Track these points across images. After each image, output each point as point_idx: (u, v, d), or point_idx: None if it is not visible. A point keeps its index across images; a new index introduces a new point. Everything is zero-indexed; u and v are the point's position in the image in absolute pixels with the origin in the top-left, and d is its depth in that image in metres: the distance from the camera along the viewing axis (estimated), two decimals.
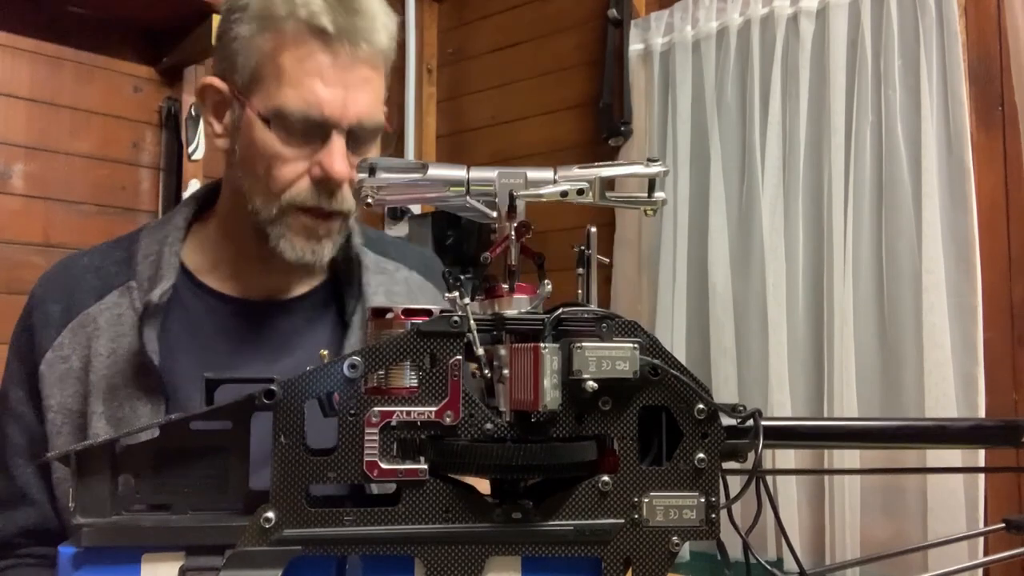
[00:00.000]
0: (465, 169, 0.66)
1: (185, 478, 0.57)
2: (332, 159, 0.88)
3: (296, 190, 0.90)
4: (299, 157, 0.89)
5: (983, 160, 1.80)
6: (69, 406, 0.92)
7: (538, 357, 0.53)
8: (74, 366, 0.93)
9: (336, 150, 0.89)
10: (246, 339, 0.98)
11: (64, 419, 0.92)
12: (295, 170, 0.90)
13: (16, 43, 2.06)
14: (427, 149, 2.81)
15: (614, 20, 2.35)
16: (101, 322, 0.94)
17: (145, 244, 0.98)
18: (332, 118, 0.88)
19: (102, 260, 0.99)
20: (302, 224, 0.92)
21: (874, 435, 0.68)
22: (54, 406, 0.93)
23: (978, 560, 1.52)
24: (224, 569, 0.52)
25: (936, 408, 1.71)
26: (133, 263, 0.97)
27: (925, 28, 1.83)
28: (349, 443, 0.54)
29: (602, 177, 0.63)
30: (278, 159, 0.89)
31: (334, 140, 0.89)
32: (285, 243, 0.92)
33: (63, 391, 0.93)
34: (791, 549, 0.73)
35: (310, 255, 0.93)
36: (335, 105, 0.88)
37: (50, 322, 0.95)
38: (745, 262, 2.04)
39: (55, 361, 0.93)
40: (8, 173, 2.04)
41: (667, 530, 0.56)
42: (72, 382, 0.93)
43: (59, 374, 0.93)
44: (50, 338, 0.94)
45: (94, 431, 0.90)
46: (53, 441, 0.92)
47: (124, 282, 0.96)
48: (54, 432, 0.92)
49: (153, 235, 0.99)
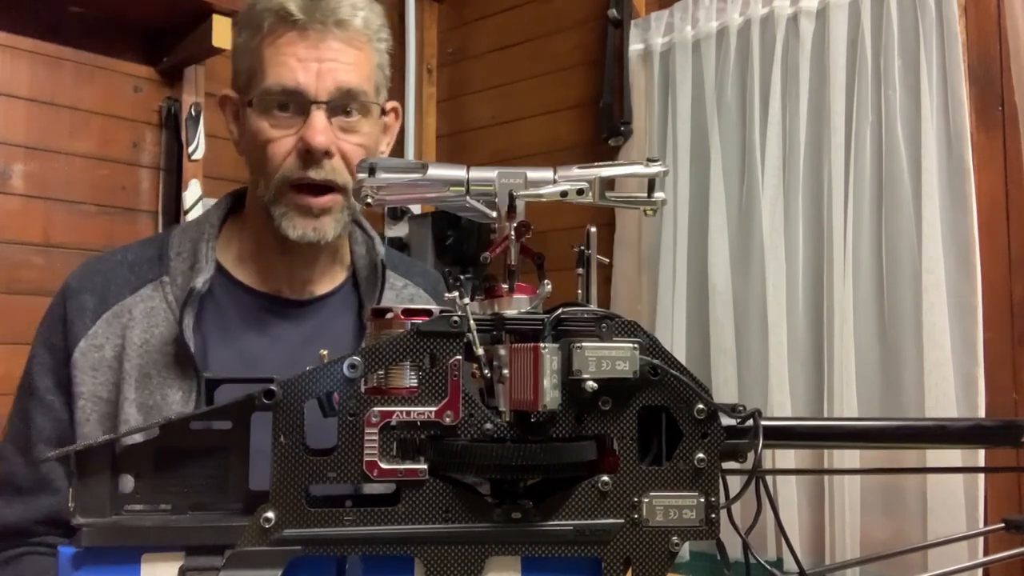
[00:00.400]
0: (465, 169, 0.66)
1: (185, 478, 0.57)
2: (312, 130, 0.94)
3: (285, 166, 0.96)
4: (285, 135, 0.96)
5: (983, 160, 1.80)
6: (100, 394, 0.96)
7: (538, 357, 0.52)
8: (107, 355, 0.97)
9: (316, 122, 0.94)
10: (273, 333, 1.03)
11: (93, 407, 0.96)
12: (283, 147, 0.96)
13: (16, 43, 2.06)
14: (427, 149, 2.81)
15: (614, 20, 2.35)
16: (136, 313, 0.98)
17: (177, 242, 1.04)
18: (307, 90, 0.94)
19: (135, 256, 1.04)
20: (295, 203, 0.97)
21: (874, 435, 0.68)
22: (85, 393, 0.96)
23: (978, 560, 1.52)
24: (224, 569, 0.52)
25: (936, 408, 1.71)
26: (165, 259, 1.02)
27: (925, 28, 1.83)
28: (349, 443, 0.54)
29: (602, 177, 0.63)
30: (268, 140, 0.96)
31: (313, 112, 0.94)
32: (287, 222, 0.97)
33: (95, 379, 0.96)
34: (791, 549, 0.73)
35: (312, 232, 0.97)
36: (308, 77, 0.94)
37: (85, 312, 0.99)
38: (745, 262, 2.04)
39: (89, 350, 0.97)
40: (8, 173, 2.04)
41: (667, 530, 0.56)
42: (105, 370, 0.97)
43: (92, 363, 0.97)
44: (85, 327, 0.98)
45: (125, 417, 0.93)
46: (81, 429, 0.95)
47: (157, 277, 1.01)
48: (83, 420, 0.95)
49: (186, 234, 1.05)
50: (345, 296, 1.08)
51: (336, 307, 1.07)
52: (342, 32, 0.96)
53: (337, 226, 0.99)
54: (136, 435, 0.58)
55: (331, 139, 0.95)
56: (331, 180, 0.96)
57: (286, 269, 1.04)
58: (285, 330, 1.03)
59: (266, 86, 0.95)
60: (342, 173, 0.97)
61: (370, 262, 1.09)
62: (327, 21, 0.95)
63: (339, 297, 1.08)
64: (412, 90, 2.77)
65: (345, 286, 1.09)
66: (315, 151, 0.94)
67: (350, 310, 1.08)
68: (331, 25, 0.95)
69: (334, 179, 0.96)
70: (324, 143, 0.94)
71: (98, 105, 2.18)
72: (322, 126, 0.94)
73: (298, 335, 1.03)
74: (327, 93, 0.94)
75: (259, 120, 0.96)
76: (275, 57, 0.95)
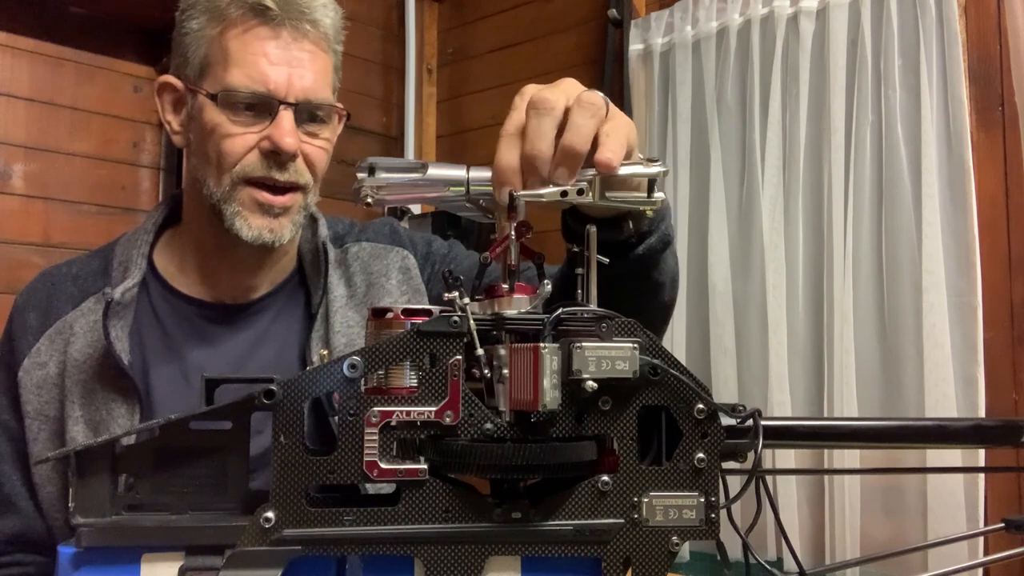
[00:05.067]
0: (465, 169, 0.66)
1: (185, 478, 0.57)
2: (281, 132, 0.90)
3: (246, 162, 0.91)
4: (248, 132, 0.91)
5: (983, 160, 1.80)
6: (46, 412, 0.94)
7: (538, 357, 0.52)
8: (51, 372, 0.94)
9: (284, 123, 0.90)
10: (215, 341, 0.99)
11: (41, 425, 0.94)
12: (244, 143, 0.91)
13: (16, 43, 2.06)
14: (427, 149, 2.81)
15: (614, 20, 2.35)
16: (76, 328, 0.95)
17: (120, 251, 1.00)
18: (277, 93, 0.90)
19: (80, 269, 1.01)
20: (254, 199, 0.92)
21: (874, 435, 0.68)
22: (31, 412, 0.94)
23: (978, 560, 1.52)
24: (224, 569, 0.52)
25: (936, 408, 1.71)
26: (109, 270, 0.99)
27: (925, 28, 1.83)
28: (349, 443, 0.54)
29: (602, 177, 0.63)
30: (228, 136, 0.91)
31: (282, 114, 0.90)
32: (240, 221, 0.92)
33: (40, 397, 0.94)
34: (791, 549, 0.73)
35: (267, 234, 0.92)
36: (280, 80, 0.90)
37: (28, 330, 0.96)
38: (745, 262, 2.04)
39: (32, 368, 0.95)
40: (8, 173, 2.04)
41: (667, 530, 0.56)
42: (49, 388, 0.94)
43: (36, 381, 0.94)
44: (28, 345, 0.96)
45: (71, 435, 0.91)
46: (30, 448, 0.94)
47: (100, 289, 0.97)
48: (31, 439, 0.94)
49: (128, 241, 1.01)
50: (291, 291, 1.04)
51: (281, 304, 1.02)
52: (313, 31, 0.93)
53: (293, 228, 0.95)
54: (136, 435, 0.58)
55: (298, 141, 0.92)
56: (294, 181, 0.93)
57: (231, 277, 1.00)
58: (228, 338, 0.99)
59: (233, 85, 0.90)
60: (304, 174, 0.94)
61: (314, 247, 1.04)
62: (301, 19, 0.91)
63: (284, 294, 1.03)
64: (412, 90, 2.77)
65: (291, 280, 1.04)
66: (284, 153, 0.91)
67: (296, 304, 1.03)
68: (304, 23, 0.92)
69: (297, 180, 0.93)
70: (294, 145, 0.91)
71: (98, 105, 2.18)
72: (291, 128, 0.91)
73: (243, 341, 0.99)
74: (295, 97, 0.91)
75: (218, 115, 0.91)
76: (243, 54, 0.90)
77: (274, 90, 0.90)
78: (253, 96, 0.90)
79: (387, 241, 1.08)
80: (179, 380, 0.95)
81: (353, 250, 1.06)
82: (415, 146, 2.76)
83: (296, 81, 0.91)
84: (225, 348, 0.98)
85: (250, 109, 0.91)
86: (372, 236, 1.08)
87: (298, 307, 1.03)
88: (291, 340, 1.00)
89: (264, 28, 0.91)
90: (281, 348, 1.00)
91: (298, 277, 1.05)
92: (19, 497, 0.94)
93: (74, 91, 2.15)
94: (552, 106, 0.63)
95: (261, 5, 0.90)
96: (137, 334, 0.96)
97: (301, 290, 1.04)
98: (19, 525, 0.93)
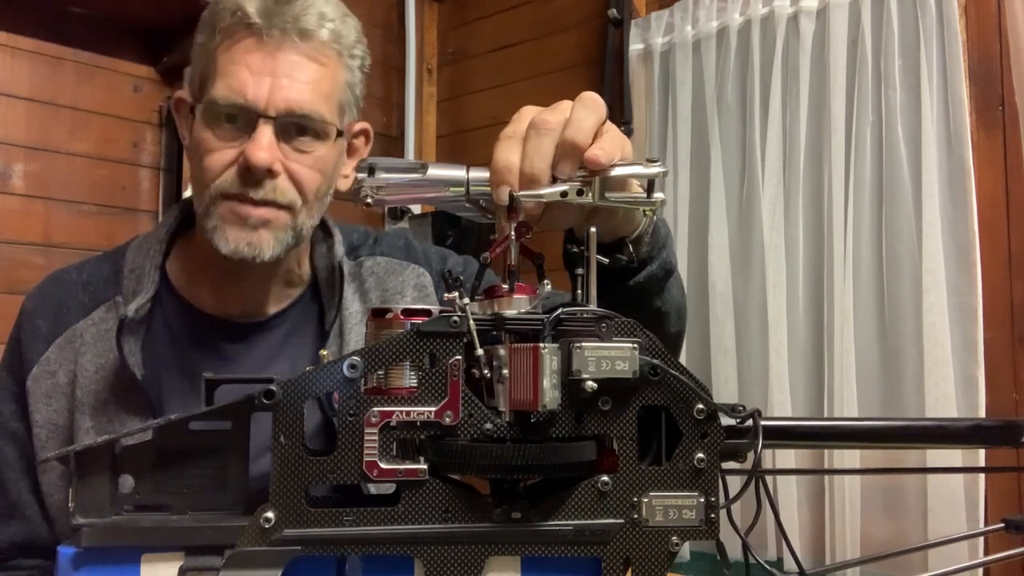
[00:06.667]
0: (465, 169, 0.66)
1: (185, 478, 0.57)
2: (254, 146, 0.85)
3: (222, 179, 0.88)
4: (228, 147, 0.87)
5: (983, 160, 1.80)
6: (55, 421, 0.93)
7: (537, 357, 0.52)
8: (60, 381, 0.93)
9: (260, 138, 0.86)
10: (227, 357, 0.97)
11: (49, 434, 0.93)
12: (223, 159, 0.88)
13: (16, 43, 2.06)
14: (427, 149, 2.81)
15: (614, 20, 2.35)
16: (87, 338, 0.94)
17: (131, 258, 0.98)
18: (256, 105, 0.86)
19: (90, 275, 0.99)
20: (230, 210, 0.88)
21: (874, 435, 0.68)
22: (40, 421, 0.93)
23: (978, 560, 1.52)
24: (224, 569, 0.52)
25: (936, 408, 1.71)
26: (120, 278, 0.97)
27: (925, 28, 1.83)
28: (349, 443, 0.54)
29: (601, 177, 0.63)
30: (209, 151, 0.88)
31: (259, 128, 0.86)
32: (219, 235, 0.88)
33: (49, 406, 0.93)
34: (791, 549, 0.73)
35: (245, 247, 0.88)
36: (259, 91, 0.86)
37: (38, 337, 0.95)
38: (745, 261, 2.04)
39: (41, 376, 0.94)
40: (8, 173, 2.04)
41: (667, 530, 0.56)
42: (59, 397, 0.93)
43: (45, 389, 0.93)
44: (38, 352, 0.94)
45: None
46: (38, 455, 0.92)
47: (111, 297, 0.96)
48: (39, 447, 0.93)
49: (140, 248, 0.99)
50: (304, 307, 1.02)
51: (294, 321, 1.01)
52: (305, 43, 0.87)
53: (278, 245, 0.89)
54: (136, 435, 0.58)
55: (275, 156, 0.87)
56: (271, 200, 0.88)
57: (237, 290, 0.98)
58: (242, 354, 0.97)
59: (213, 96, 0.87)
60: (286, 193, 0.89)
61: (329, 264, 1.01)
62: (288, 29, 0.86)
63: (297, 309, 1.01)
64: (412, 90, 2.77)
65: (303, 298, 1.02)
66: (255, 168, 0.86)
67: (310, 321, 1.01)
68: (292, 34, 0.87)
69: (275, 199, 0.88)
70: (266, 160, 0.85)
71: (98, 105, 2.18)
72: (266, 142, 0.86)
73: (257, 358, 0.98)
74: (276, 110, 0.86)
75: (203, 130, 0.88)
76: (228, 65, 0.87)
77: (252, 100, 0.86)
78: (232, 107, 0.86)
79: (403, 256, 1.06)
80: (192, 395, 0.94)
81: (368, 264, 1.04)
82: (415, 146, 2.76)
83: (278, 92, 0.86)
84: (239, 365, 0.97)
85: (231, 122, 0.87)
86: (387, 250, 1.06)
87: (312, 323, 1.01)
88: (304, 357, 0.99)
89: (250, 39, 0.87)
90: (295, 365, 0.98)
91: (311, 292, 1.03)
92: (26, 504, 0.94)
93: (74, 91, 2.15)
94: (552, 127, 0.63)
95: (243, 12, 0.86)
96: (150, 347, 0.94)
97: (315, 306, 1.02)
98: (25, 531, 0.93)
